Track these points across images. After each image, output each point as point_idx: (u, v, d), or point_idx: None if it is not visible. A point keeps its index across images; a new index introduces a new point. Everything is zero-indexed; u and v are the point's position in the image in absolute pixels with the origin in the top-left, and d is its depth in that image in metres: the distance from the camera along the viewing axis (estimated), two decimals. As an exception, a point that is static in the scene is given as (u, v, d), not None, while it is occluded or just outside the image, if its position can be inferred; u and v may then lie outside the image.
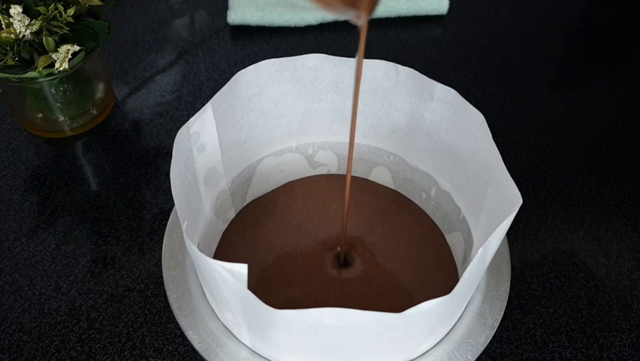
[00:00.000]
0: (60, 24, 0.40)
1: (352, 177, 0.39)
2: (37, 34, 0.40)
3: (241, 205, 0.37)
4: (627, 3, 0.63)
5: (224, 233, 0.36)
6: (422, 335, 0.26)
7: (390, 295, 0.33)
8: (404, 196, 0.38)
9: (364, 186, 0.39)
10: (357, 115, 0.36)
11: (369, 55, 0.32)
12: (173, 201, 0.26)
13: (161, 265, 0.31)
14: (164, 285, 0.31)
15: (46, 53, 0.40)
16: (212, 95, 0.29)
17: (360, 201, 0.38)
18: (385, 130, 0.36)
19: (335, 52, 0.46)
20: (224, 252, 0.35)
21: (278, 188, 0.38)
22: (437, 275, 0.34)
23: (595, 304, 0.38)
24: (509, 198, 0.26)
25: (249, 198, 0.37)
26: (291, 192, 0.38)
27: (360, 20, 0.22)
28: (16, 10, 0.38)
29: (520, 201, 0.25)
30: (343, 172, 0.39)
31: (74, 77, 0.44)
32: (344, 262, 0.34)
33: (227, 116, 0.31)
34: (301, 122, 0.36)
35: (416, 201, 0.38)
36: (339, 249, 0.35)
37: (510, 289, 0.31)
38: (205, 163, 0.31)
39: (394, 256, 0.35)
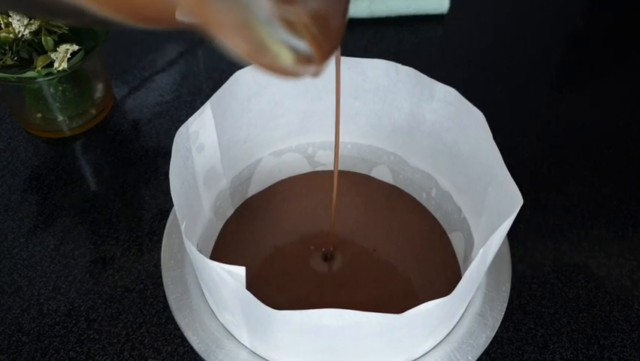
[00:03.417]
0: (59, 23, 0.40)
1: (353, 173, 0.39)
2: (36, 33, 0.39)
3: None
4: (627, 3, 0.63)
5: (221, 231, 0.35)
6: (422, 336, 0.26)
7: (391, 295, 0.33)
8: (407, 194, 0.38)
9: (366, 183, 0.38)
10: (357, 115, 0.36)
11: (369, 55, 0.32)
12: (172, 201, 0.26)
13: (160, 265, 0.31)
14: (163, 285, 0.30)
15: (45, 52, 0.40)
16: (212, 95, 0.29)
17: (362, 198, 0.37)
18: (386, 130, 0.36)
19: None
20: (222, 251, 0.35)
21: (276, 185, 0.38)
22: (439, 275, 0.34)
23: (596, 305, 0.38)
24: (510, 199, 0.26)
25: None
26: (288, 190, 0.38)
27: (319, 71, 0.18)
28: (14, 9, 0.38)
29: (521, 202, 0.25)
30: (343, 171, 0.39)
31: (73, 77, 0.44)
32: (346, 261, 0.34)
33: (226, 116, 0.31)
34: (301, 122, 0.36)
35: (418, 200, 0.37)
36: (325, 249, 0.34)
37: (511, 290, 0.31)
38: (204, 163, 0.31)
39: (396, 255, 0.35)
